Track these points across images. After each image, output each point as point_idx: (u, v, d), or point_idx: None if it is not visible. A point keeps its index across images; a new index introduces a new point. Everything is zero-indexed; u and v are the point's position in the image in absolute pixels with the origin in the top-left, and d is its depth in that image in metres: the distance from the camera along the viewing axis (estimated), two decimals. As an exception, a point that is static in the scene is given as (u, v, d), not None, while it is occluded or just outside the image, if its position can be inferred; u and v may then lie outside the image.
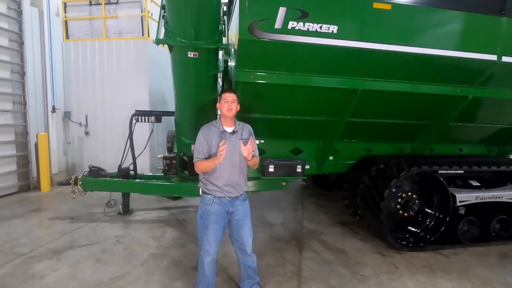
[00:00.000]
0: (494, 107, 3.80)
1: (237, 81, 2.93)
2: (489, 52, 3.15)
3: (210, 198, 2.11)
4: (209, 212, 2.10)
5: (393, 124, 3.79)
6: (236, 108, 2.19)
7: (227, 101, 2.14)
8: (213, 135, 2.13)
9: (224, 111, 2.14)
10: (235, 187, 2.14)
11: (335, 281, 2.64)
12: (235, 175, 2.14)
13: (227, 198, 2.12)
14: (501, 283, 2.69)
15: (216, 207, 2.10)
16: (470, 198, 3.46)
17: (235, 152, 2.12)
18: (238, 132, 2.19)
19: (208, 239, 2.08)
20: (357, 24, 2.84)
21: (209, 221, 2.09)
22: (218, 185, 2.10)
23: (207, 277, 2.15)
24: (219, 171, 2.09)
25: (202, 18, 2.48)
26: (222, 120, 2.19)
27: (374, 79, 3.18)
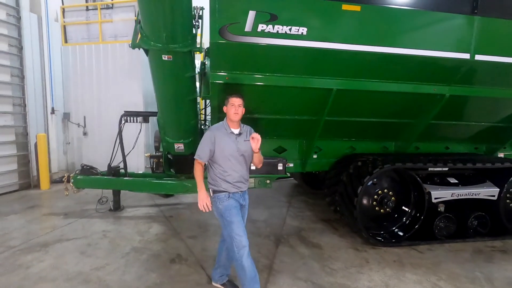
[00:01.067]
0: (474, 105, 3.83)
1: (212, 82, 3.05)
2: (462, 50, 3.20)
3: (225, 195, 2.22)
4: (229, 207, 2.20)
5: (374, 123, 3.85)
6: (242, 112, 2.30)
7: (234, 106, 2.25)
8: (220, 136, 2.25)
9: (231, 115, 2.25)
10: (244, 182, 2.31)
11: (303, 273, 2.75)
12: (243, 171, 2.30)
13: (239, 192, 2.27)
14: (467, 277, 2.74)
15: (233, 201, 2.23)
16: (446, 195, 3.50)
17: (241, 152, 2.26)
18: (243, 134, 2.32)
19: (237, 232, 2.13)
20: (327, 26, 2.93)
21: (232, 214, 2.18)
22: (231, 182, 2.23)
23: (250, 271, 2.10)
24: (231, 169, 2.24)
25: (173, 23, 2.61)
26: (228, 123, 2.30)
27: (348, 78, 3.25)
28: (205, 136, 2.28)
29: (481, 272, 2.84)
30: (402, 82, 3.38)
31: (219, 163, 2.24)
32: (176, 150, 3.78)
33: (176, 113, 3.41)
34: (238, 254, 2.12)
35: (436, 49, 3.15)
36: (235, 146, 2.24)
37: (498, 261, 3.08)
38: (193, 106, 3.51)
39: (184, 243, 3.37)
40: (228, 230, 2.17)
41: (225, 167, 2.23)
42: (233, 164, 2.24)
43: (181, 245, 3.30)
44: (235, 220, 2.16)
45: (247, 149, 2.29)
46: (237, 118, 2.26)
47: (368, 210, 3.57)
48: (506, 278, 2.74)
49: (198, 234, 3.63)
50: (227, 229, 2.18)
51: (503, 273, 2.82)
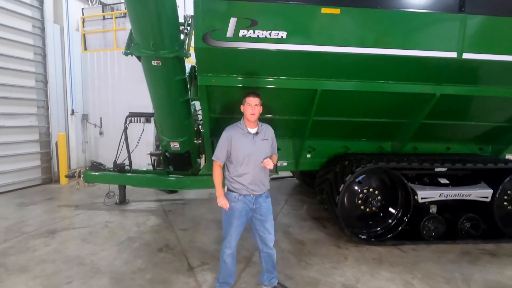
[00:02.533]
0: (469, 105, 3.75)
1: (200, 84, 3.27)
2: (448, 49, 3.17)
3: (235, 195, 2.23)
4: (233, 209, 2.23)
5: (366, 123, 3.89)
6: (259, 111, 2.28)
7: (251, 105, 2.23)
8: (237, 137, 2.24)
9: (248, 114, 2.24)
10: (259, 185, 2.26)
11: (279, 266, 2.84)
12: (260, 174, 2.25)
13: (251, 195, 2.24)
14: (443, 277, 2.72)
15: (240, 205, 2.22)
16: (433, 196, 3.46)
17: (258, 151, 2.23)
18: (261, 134, 2.29)
19: (230, 233, 2.25)
20: (306, 29, 3.04)
21: (233, 217, 2.23)
22: (244, 184, 2.21)
23: (228, 266, 2.31)
24: (245, 170, 2.21)
25: (160, 32, 2.87)
26: (245, 122, 2.28)
27: (333, 79, 3.33)
28: (222, 136, 2.29)
29: (461, 273, 2.81)
30: (389, 82, 3.40)
31: (234, 163, 2.24)
32: (172, 148, 4.05)
33: (169, 114, 3.68)
34: (223, 251, 2.30)
35: (421, 48, 3.14)
36: (252, 146, 2.22)
37: (483, 263, 3.01)
38: (186, 107, 3.75)
39: (175, 234, 3.62)
40: (225, 227, 2.29)
41: (240, 168, 2.22)
42: (249, 166, 2.21)
43: (171, 236, 3.55)
44: (234, 223, 2.24)
45: (265, 149, 2.27)
46: (254, 118, 2.24)
47: (354, 208, 3.60)
48: (485, 280, 2.69)
49: (190, 227, 3.86)
50: (225, 226, 2.29)
51: (484, 276, 2.77)
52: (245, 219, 2.29)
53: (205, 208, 4.70)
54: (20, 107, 5.75)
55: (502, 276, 2.77)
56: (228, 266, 2.31)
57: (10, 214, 4.27)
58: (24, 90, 5.81)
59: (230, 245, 2.28)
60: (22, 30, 5.71)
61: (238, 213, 2.23)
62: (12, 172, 5.64)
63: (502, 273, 2.82)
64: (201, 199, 5.24)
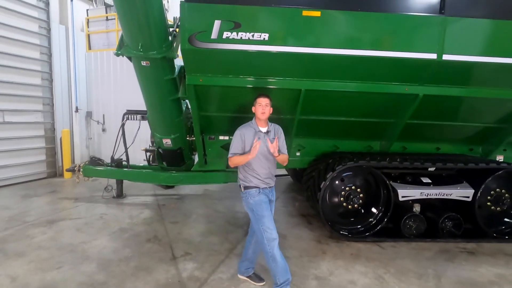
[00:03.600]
0: (454, 105, 3.78)
1: (188, 84, 3.43)
2: (428, 51, 3.22)
3: (256, 190, 2.36)
4: (260, 202, 2.34)
5: (353, 122, 3.97)
6: (269, 111, 2.43)
7: (261, 105, 2.40)
8: (248, 135, 2.40)
9: (259, 114, 2.40)
10: (272, 178, 2.47)
11: (260, 259, 2.99)
12: (271, 168, 2.44)
13: (268, 188, 2.42)
14: (416, 273, 2.80)
15: (263, 196, 2.37)
16: (414, 194, 3.52)
17: (269, 149, 2.37)
18: (271, 132, 2.45)
19: (268, 226, 2.28)
20: (288, 31, 3.14)
21: (263, 209, 2.32)
22: (261, 178, 2.38)
23: (279, 263, 2.25)
24: (259, 167, 2.38)
25: (148, 34, 3.04)
26: (257, 121, 2.45)
27: (316, 79, 3.43)
28: (235, 135, 2.46)
29: (434, 269, 2.88)
30: (372, 83, 3.48)
31: (249, 161, 2.35)
32: (164, 145, 4.22)
33: (160, 111, 3.85)
34: (269, 246, 2.26)
35: (401, 50, 3.21)
36: (263, 144, 2.36)
37: (459, 261, 3.07)
38: (176, 105, 3.91)
39: (164, 227, 3.79)
40: (259, 224, 2.31)
41: (255, 165, 2.37)
42: (262, 162, 2.38)
43: (161, 228, 3.73)
44: (266, 214, 2.31)
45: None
46: (264, 117, 2.40)
47: (336, 205, 3.70)
48: (457, 276, 2.76)
49: (180, 220, 4.04)
50: (258, 223, 2.31)
51: (457, 272, 2.83)
52: (269, 210, 2.39)
53: (198, 203, 4.87)
54: (26, 104, 6.05)
55: (475, 273, 2.83)
56: (279, 261, 2.27)
57: (14, 205, 4.55)
58: (31, 88, 6.11)
59: (273, 236, 2.27)
60: (29, 30, 6.00)
61: (265, 205, 2.35)
62: (18, 166, 5.95)
63: (476, 271, 2.87)
64: (196, 194, 5.41)
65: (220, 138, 4.38)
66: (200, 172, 4.46)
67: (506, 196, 3.72)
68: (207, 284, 2.54)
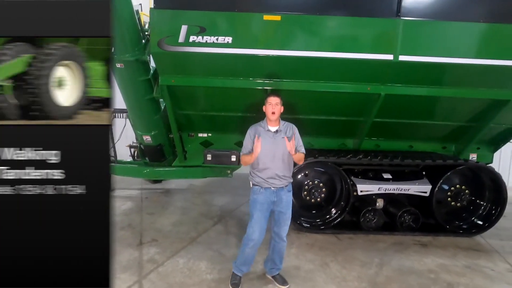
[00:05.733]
0: (417, 104, 3.90)
1: (161, 84, 3.69)
2: (385, 52, 3.38)
3: (257, 188, 2.43)
4: (255, 201, 2.42)
5: (322, 120, 4.14)
6: (280, 110, 2.46)
7: (271, 105, 2.43)
8: (258, 134, 2.44)
9: (269, 113, 2.44)
10: (279, 179, 2.41)
11: (217, 246, 3.25)
12: (279, 168, 2.41)
13: (272, 188, 2.40)
14: (361, 261, 2.99)
15: (262, 197, 2.39)
16: (372, 189, 3.68)
17: (278, 148, 2.39)
18: (282, 131, 2.46)
19: (253, 225, 2.40)
20: (250, 34, 3.37)
21: (255, 209, 2.40)
22: (263, 178, 2.40)
23: (245, 256, 2.49)
24: (264, 166, 2.39)
25: (121, 38, 3.32)
26: (267, 121, 2.48)
27: (280, 80, 3.64)
28: (247, 133, 2.56)
29: (380, 259, 3.06)
30: (334, 82, 3.66)
31: (256, 159, 2.41)
32: (145, 141, 4.51)
33: (138, 110, 4.13)
34: (244, 241, 2.46)
35: (359, 51, 3.38)
36: (271, 144, 2.39)
37: (409, 252, 3.23)
38: (153, 103, 4.17)
39: (141, 217, 4.09)
40: (250, 218, 2.45)
41: (260, 163, 2.40)
42: (268, 161, 2.38)
43: (137, 218, 4.02)
44: (256, 215, 2.41)
45: (285, 146, 2.38)
46: (275, 117, 2.44)
47: (299, 199, 3.89)
48: (399, 265, 2.93)
49: (157, 212, 4.32)
50: (250, 217, 2.45)
51: (401, 262, 3.00)
52: (267, 213, 2.44)
53: (179, 197, 5.15)
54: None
55: (418, 262, 3.00)
56: (247, 256, 2.47)
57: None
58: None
59: (252, 236, 2.39)
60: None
61: (259, 205, 2.40)
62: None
63: (421, 261, 3.04)
64: (180, 189, 5.69)
65: (199, 135, 4.63)
66: (180, 168, 4.73)
67: (466, 192, 3.86)
68: (163, 266, 2.80)
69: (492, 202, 3.78)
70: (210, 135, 4.61)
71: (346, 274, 2.75)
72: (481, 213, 3.80)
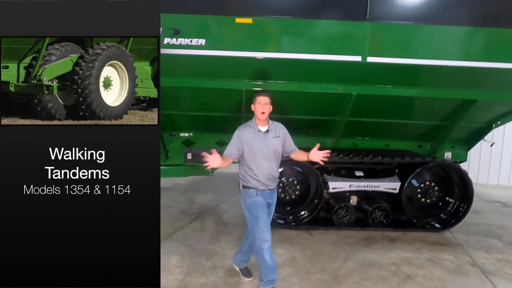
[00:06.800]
0: (389, 104, 4.02)
1: (139, 85, 3.79)
2: (354, 53, 3.50)
3: (254, 191, 2.34)
4: (256, 204, 2.33)
5: (299, 120, 4.27)
6: (269, 110, 2.38)
7: (261, 104, 2.32)
8: (248, 135, 2.35)
9: (258, 113, 2.34)
10: (272, 180, 2.39)
11: (191, 241, 3.35)
12: (272, 169, 2.37)
13: (267, 190, 2.37)
14: (328, 255, 3.09)
15: (261, 199, 2.34)
16: (344, 186, 3.80)
17: (269, 149, 2.33)
18: (271, 131, 2.39)
19: (261, 227, 2.31)
20: (222, 37, 3.47)
21: (258, 211, 2.32)
22: (260, 180, 2.33)
23: (268, 263, 2.31)
24: (258, 168, 2.32)
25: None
26: (256, 121, 2.39)
27: (255, 80, 3.75)
28: (234, 134, 2.43)
29: (347, 253, 3.16)
30: (308, 83, 3.77)
31: (248, 161, 2.34)
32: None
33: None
34: (260, 247, 2.31)
35: (328, 53, 3.50)
36: (263, 144, 2.32)
37: (376, 247, 3.35)
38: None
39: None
40: (253, 224, 2.35)
41: (254, 165, 2.32)
42: (261, 162, 2.32)
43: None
44: (261, 217, 2.32)
45: (276, 147, 2.36)
46: (264, 116, 2.34)
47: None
48: (363, 258, 3.04)
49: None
50: (252, 223, 2.35)
51: (366, 256, 3.11)
52: (266, 212, 2.39)
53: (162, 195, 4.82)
54: None
55: (383, 256, 3.11)
56: (268, 262, 2.32)
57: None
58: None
59: (265, 238, 2.31)
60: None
61: (261, 207, 2.34)
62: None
63: (386, 254, 3.15)
64: (164, 187, 5.77)
65: (181, 135, 4.73)
66: (162, 166, 4.81)
67: (436, 189, 3.98)
68: (134, 260, 2.89)
69: (460, 199, 3.92)
70: (191, 134, 4.72)
71: (311, 267, 2.86)
72: (450, 210, 3.94)
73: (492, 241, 3.59)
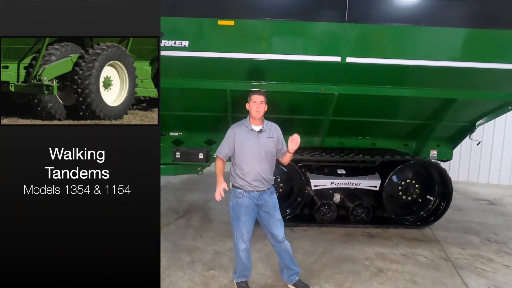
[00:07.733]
0: (372, 103, 4.10)
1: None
2: (333, 54, 3.59)
3: (240, 192, 2.31)
4: (240, 205, 2.30)
5: (285, 119, 4.33)
6: (264, 109, 2.35)
7: (256, 103, 2.28)
8: (240, 134, 2.32)
9: (253, 112, 2.29)
10: (263, 182, 2.32)
11: (175, 237, 3.46)
12: (263, 170, 2.31)
13: (255, 192, 2.31)
14: (306, 250, 3.18)
15: (246, 200, 2.30)
16: (325, 183, 3.89)
17: (261, 150, 2.29)
18: (265, 131, 2.36)
19: (240, 229, 2.31)
20: (205, 38, 3.58)
21: (240, 213, 2.30)
22: (248, 181, 2.28)
23: (243, 262, 2.39)
24: (249, 167, 2.28)
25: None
26: (250, 120, 2.35)
27: (239, 81, 3.85)
28: (227, 133, 2.41)
29: (324, 248, 3.25)
30: (291, 83, 3.86)
31: (238, 160, 2.32)
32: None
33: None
34: (237, 246, 2.36)
35: (308, 54, 3.59)
36: (256, 144, 2.29)
37: (354, 243, 3.43)
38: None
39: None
40: (234, 224, 2.36)
41: (243, 165, 2.29)
42: (252, 163, 2.28)
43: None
44: (243, 218, 2.31)
45: (268, 147, 2.32)
46: (259, 115, 2.30)
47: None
48: (339, 253, 3.13)
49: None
50: (233, 222, 2.36)
51: (343, 251, 3.20)
52: (252, 214, 2.35)
53: None
54: None
55: (359, 251, 3.19)
56: (243, 261, 2.37)
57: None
58: None
59: (242, 240, 2.33)
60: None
61: (244, 209, 2.30)
62: None
63: (362, 249, 3.24)
64: (157, 186, 5.89)
65: (170, 134, 4.84)
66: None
67: (416, 186, 4.05)
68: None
69: (440, 196, 3.99)
70: (181, 134, 4.83)
71: (287, 262, 2.94)
72: (430, 207, 4.01)
73: (469, 237, 3.66)
